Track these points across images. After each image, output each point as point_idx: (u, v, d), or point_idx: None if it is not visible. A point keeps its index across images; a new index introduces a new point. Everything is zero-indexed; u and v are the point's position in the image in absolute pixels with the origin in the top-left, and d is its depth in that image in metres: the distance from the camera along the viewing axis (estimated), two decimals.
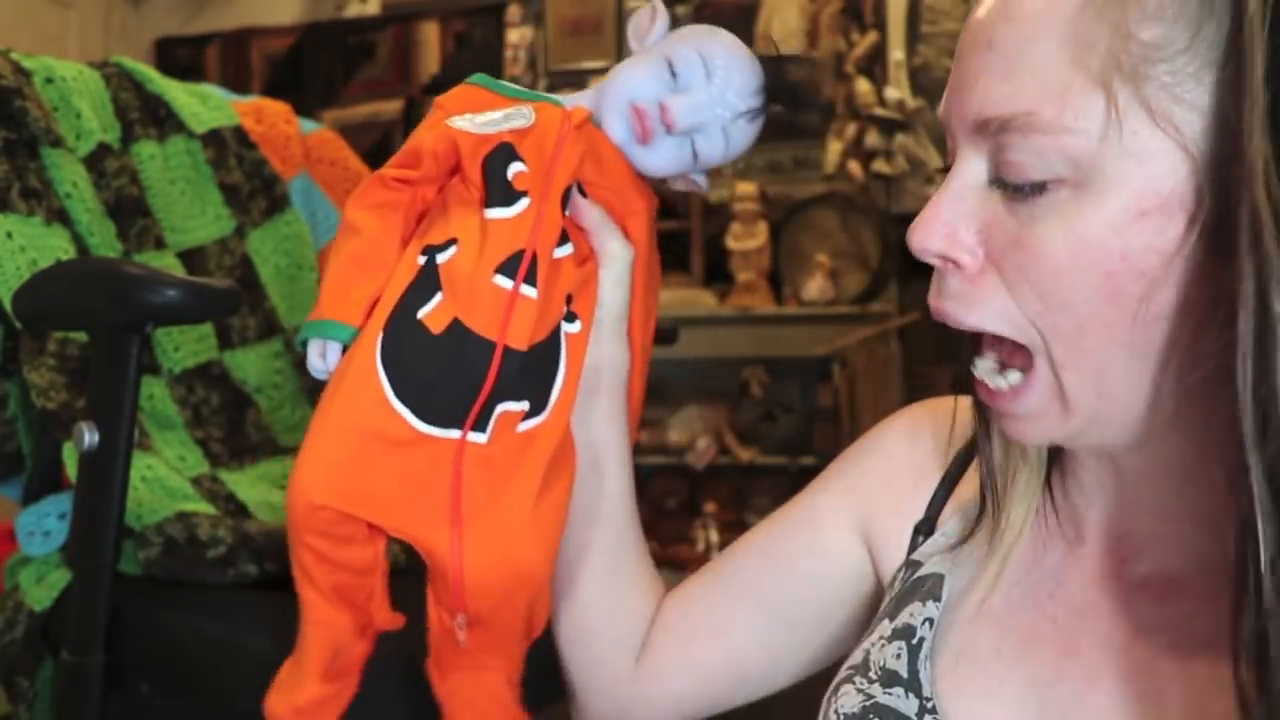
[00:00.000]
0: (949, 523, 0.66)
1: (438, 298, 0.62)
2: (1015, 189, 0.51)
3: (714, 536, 2.81)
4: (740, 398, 3.01)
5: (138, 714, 0.95)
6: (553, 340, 0.64)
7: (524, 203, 0.63)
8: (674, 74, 0.67)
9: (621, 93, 0.67)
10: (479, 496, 0.61)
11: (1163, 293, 0.49)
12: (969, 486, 0.66)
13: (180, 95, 1.27)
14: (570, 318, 0.65)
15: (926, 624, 0.61)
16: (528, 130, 0.65)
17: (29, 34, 3.09)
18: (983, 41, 0.52)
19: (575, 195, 0.67)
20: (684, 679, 0.72)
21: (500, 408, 0.62)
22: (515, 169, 0.64)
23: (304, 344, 0.65)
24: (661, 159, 0.68)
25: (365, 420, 0.61)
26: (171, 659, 0.94)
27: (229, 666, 0.90)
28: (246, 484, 1.13)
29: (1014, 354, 0.54)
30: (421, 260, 0.63)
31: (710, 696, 0.73)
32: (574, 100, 0.70)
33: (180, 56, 3.55)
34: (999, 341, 0.55)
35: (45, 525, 1.01)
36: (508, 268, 0.62)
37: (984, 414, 0.61)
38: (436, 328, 0.61)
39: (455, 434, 0.61)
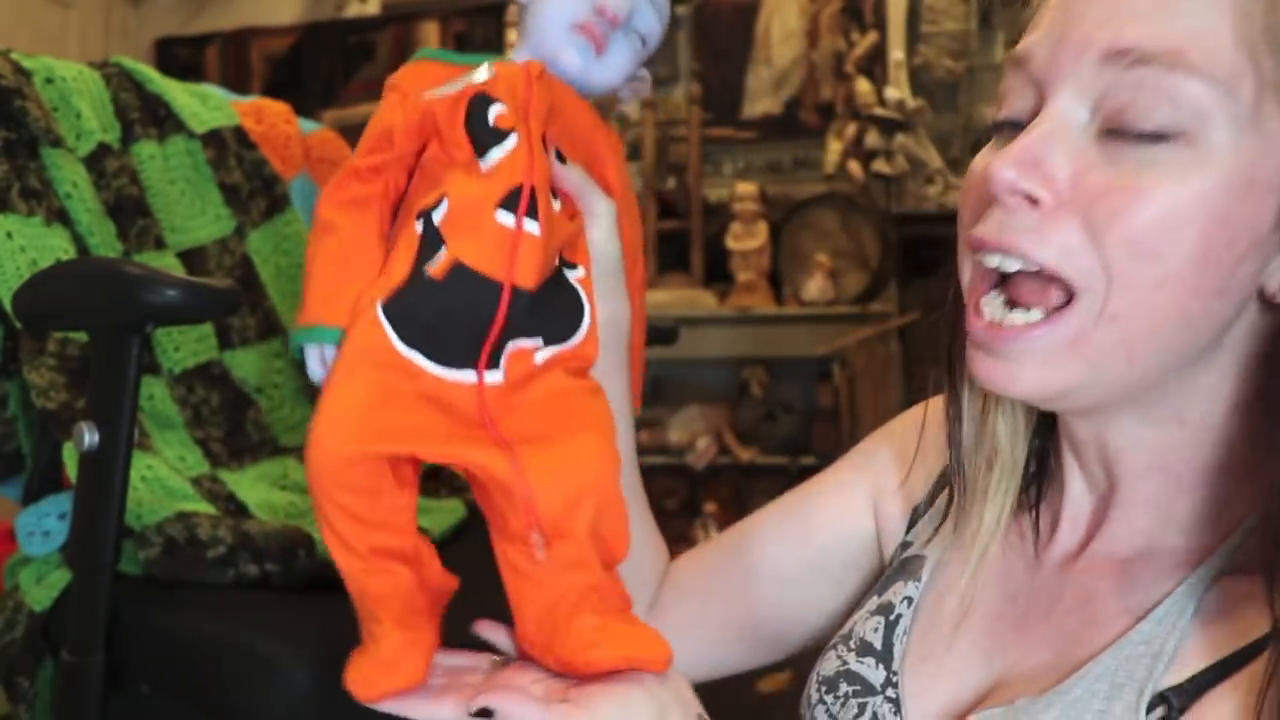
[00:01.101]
0: (937, 507, 0.69)
1: (442, 250, 0.61)
2: (1126, 134, 0.50)
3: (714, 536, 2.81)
4: (740, 398, 3.01)
5: (138, 714, 0.95)
6: (561, 281, 0.63)
7: (513, 139, 0.62)
8: None
9: (554, 24, 0.67)
10: (519, 425, 0.60)
11: (1244, 270, 0.50)
12: None
13: (180, 95, 1.27)
14: (571, 265, 0.64)
15: (905, 602, 0.64)
16: (494, 80, 0.64)
17: (29, 34, 3.09)
18: None
19: (554, 160, 0.66)
20: (699, 640, 0.73)
21: (511, 345, 0.61)
22: (496, 110, 0.63)
23: (299, 350, 0.63)
24: (618, 61, 0.69)
25: (379, 364, 0.59)
26: (171, 659, 0.94)
27: (229, 666, 0.90)
28: (246, 484, 1.13)
29: (1035, 294, 0.53)
30: (419, 226, 0.62)
31: (722, 658, 0.74)
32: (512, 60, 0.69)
33: (180, 56, 3.55)
34: (1018, 281, 0.54)
35: (45, 525, 1.01)
36: (508, 203, 0.61)
37: (956, 397, 0.63)
38: (438, 274, 0.60)
39: (470, 375, 0.60)
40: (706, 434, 2.98)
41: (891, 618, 0.64)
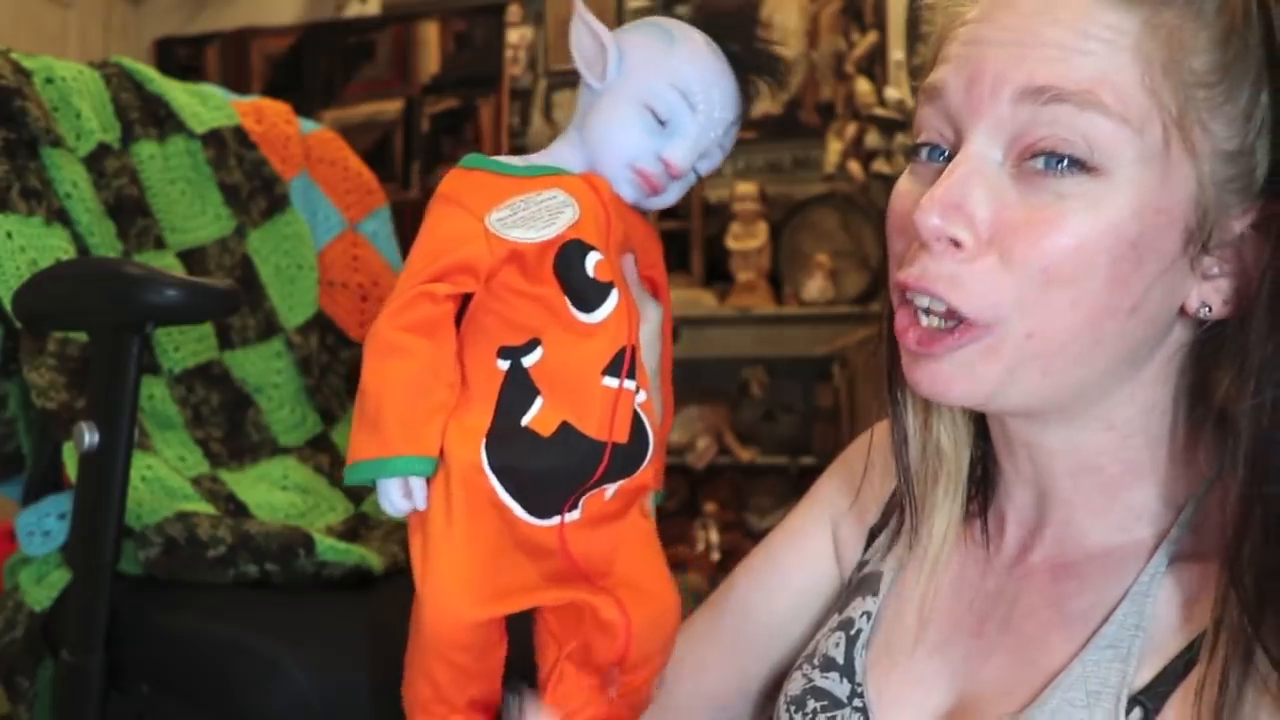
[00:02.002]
0: (892, 525, 0.70)
1: (539, 402, 0.61)
2: (1041, 169, 0.52)
3: (714, 536, 2.80)
4: (740, 398, 3.01)
5: (138, 714, 0.95)
6: (635, 417, 0.63)
7: (614, 296, 0.62)
8: (660, 121, 0.64)
9: (617, 158, 0.65)
10: (622, 570, 0.64)
11: (1155, 291, 0.53)
12: None
13: (180, 95, 1.27)
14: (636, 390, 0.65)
15: (864, 617, 0.66)
16: (580, 223, 0.63)
17: (29, 34, 3.09)
18: (1040, 4, 0.53)
19: (631, 271, 0.67)
20: (700, 707, 0.75)
21: (590, 493, 0.63)
22: (594, 259, 0.62)
23: (371, 483, 0.61)
24: (672, 196, 0.68)
25: (485, 514, 0.60)
26: (171, 659, 0.94)
27: (229, 666, 0.90)
28: (246, 484, 1.14)
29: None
30: (504, 365, 0.62)
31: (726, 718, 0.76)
32: (563, 161, 0.67)
33: (180, 56, 3.55)
34: None
35: (45, 525, 1.01)
36: (613, 367, 0.62)
37: (898, 418, 0.65)
38: (545, 431, 0.61)
39: (555, 519, 0.62)
40: (706, 434, 2.98)
41: (852, 632, 0.66)
